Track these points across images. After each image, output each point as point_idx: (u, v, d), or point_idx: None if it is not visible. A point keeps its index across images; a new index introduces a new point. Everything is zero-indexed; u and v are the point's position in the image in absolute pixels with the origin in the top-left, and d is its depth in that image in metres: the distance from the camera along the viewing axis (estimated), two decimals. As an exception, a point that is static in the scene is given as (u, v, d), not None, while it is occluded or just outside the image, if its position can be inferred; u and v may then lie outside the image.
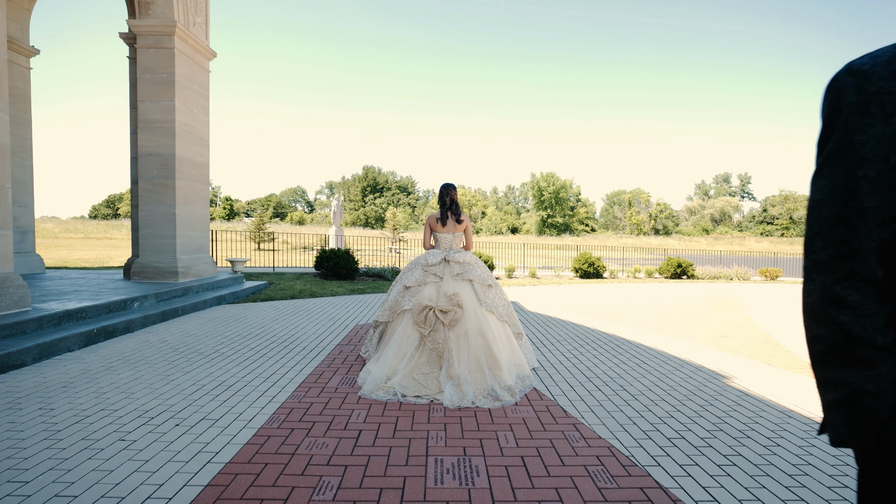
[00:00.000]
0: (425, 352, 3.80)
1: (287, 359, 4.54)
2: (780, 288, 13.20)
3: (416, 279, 4.09)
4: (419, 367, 3.73)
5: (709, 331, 6.44)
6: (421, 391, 3.54)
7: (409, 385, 3.61)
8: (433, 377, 3.67)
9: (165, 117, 7.61)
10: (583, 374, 4.25)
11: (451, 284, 4.02)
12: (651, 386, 3.92)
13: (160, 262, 7.76)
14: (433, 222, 4.40)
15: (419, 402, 3.43)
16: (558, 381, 4.04)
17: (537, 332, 6.09)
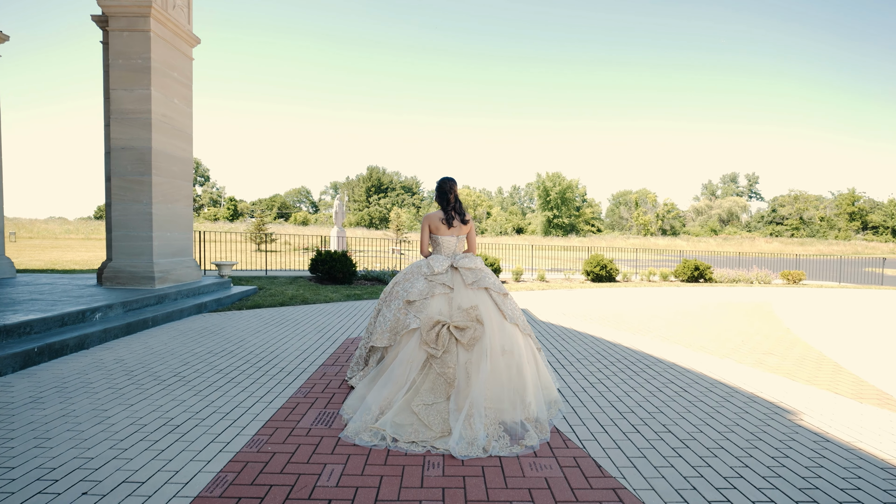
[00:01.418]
0: (430, 377, 3.08)
1: (258, 384, 3.81)
2: (808, 293, 12.35)
3: (421, 291, 3.38)
4: (421, 395, 3.01)
5: (747, 346, 5.66)
6: (418, 435, 2.79)
7: (404, 423, 2.87)
8: (437, 410, 2.94)
9: (140, 107, 6.92)
10: (612, 406, 3.49)
11: (465, 295, 3.36)
12: (701, 425, 3.16)
13: (135, 267, 7.06)
14: (435, 223, 3.68)
15: (412, 450, 2.70)
16: (584, 416, 3.28)
17: (553, 346, 5.34)
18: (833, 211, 69.61)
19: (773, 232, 70.98)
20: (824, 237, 66.37)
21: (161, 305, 6.51)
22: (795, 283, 14.60)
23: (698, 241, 58.75)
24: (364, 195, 79.07)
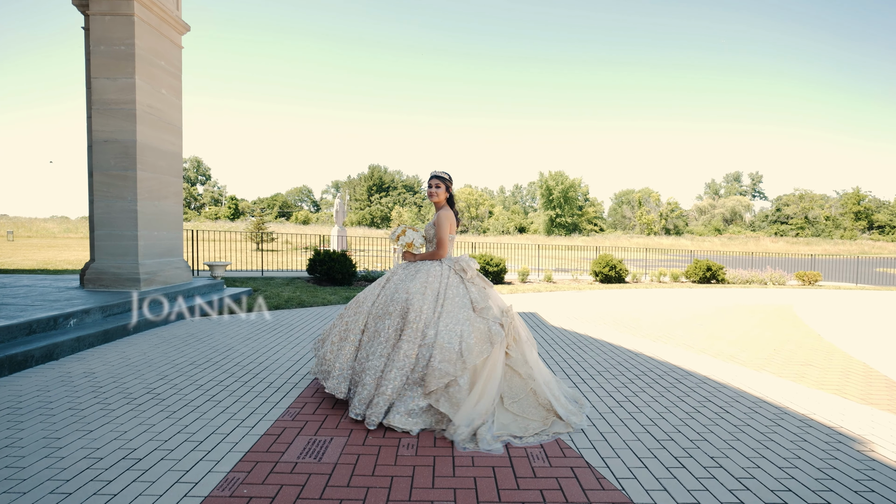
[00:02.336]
0: (509, 379, 3.22)
1: (241, 404, 3.35)
2: (827, 294, 11.85)
3: (480, 296, 3.35)
4: (507, 395, 3.17)
5: (781, 356, 5.18)
6: (528, 429, 2.95)
7: (508, 422, 2.99)
8: (527, 402, 3.16)
9: (124, 97, 6.46)
10: (647, 430, 3.02)
11: (496, 298, 3.50)
12: (756, 458, 2.69)
13: (119, 268, 6.61)
14: (452, 223, 3.62)
15: (532, 442, 2.86)
16: (616, 443, 2.81)
17: (569, 356, 4.87)
18: (838, 210, 68.89)
19: (778, 231, 70.29)
20: (829, 237, 65.69)
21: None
22: (811, 285, 14.10)
23: (703, 241, 58.18)
24: (365, 194, 78.62)
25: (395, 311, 3.21)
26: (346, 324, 3.41)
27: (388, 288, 3.41)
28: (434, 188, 3.62)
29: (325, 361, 3.37)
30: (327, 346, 3.42)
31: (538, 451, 2.71)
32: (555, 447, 2.77)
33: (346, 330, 3.38)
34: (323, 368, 3.37)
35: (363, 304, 3.43)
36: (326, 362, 3.36)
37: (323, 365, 3.38)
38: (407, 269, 3.52)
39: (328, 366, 3.33)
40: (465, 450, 2.70)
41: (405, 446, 2.75)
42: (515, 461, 2.59)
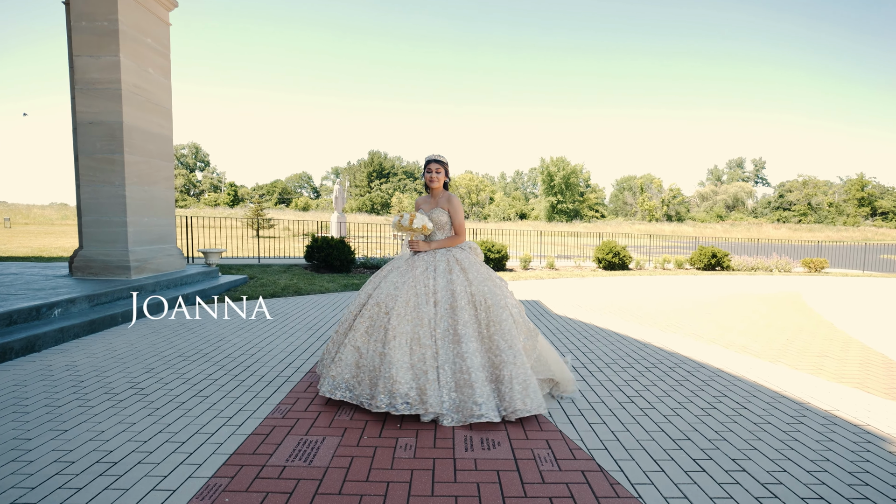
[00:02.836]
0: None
1: (230, 399, 3.16)
2: (835, 282, 11.64)
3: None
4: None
5: (794, 346, 4.98)
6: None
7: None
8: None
9: (108, 76, 6.17)
10: (661, 429, 2.82)
11: None
12: (781, 460, 2.49)
13: (108, 256, 6.39)
14: None
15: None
16: (629, 443, 2.61)
17: (575, 346, 4.67)
18: (842, 196, 68.33)
19: (781, 218, 69.84)
20: (832, 223, 65.28)
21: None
22: (818, 272, 13.87)
23: (705, 227, 57.83)
24: (365, 180, 78.09)
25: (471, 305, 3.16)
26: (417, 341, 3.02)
27: (441, 286, 3.18)
28: (435, 173, 3.44)
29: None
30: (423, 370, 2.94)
31: (546, 453, 2.51)
32: (564, 448, 2.57)
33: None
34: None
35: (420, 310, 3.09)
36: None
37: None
38: (435, 258, 3.33)
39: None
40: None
41: (402, 447, 2.55)
42: (522, 464, 2.40)
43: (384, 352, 2.90)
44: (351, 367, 2.99)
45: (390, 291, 3.11)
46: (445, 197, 3.51)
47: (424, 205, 3.57)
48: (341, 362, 2.99)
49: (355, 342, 3.00)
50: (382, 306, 3.05)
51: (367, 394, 2.91)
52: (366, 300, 3.19)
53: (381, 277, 3.30)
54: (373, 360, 2.94)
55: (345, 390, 2.97)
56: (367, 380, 2.93)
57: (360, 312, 3.12)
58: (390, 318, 2.97)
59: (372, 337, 2.99)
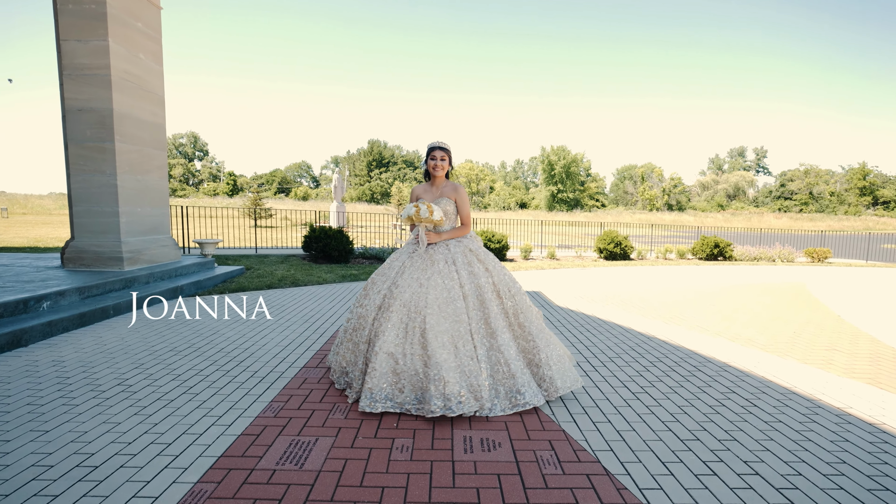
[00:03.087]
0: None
1: (221, 397, 3.04)
2: (839, 272, 11.51)
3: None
4: None
5: (802, 339, 4.86)
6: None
7: None
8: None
9: (97, 62, 5.97)
10: (669, 428, 2.71)
11: None
12: (795, 462, 2.37)
13: (100, 246, 6.26)
14: None
15: None
16: (636, 444, 2.50)
17: (577, 340, 4.56)
18: (843, 186, 67.94)
19: (782, 207, 69.52)
20: (834, 212, 65.00)
21: (128, 290, 5.73)
22: (821, 262, 13.74)
23: (705, 217, 57.59)
24: (365, 169, 77.66)
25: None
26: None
27: (466, 280, 3.11)
28: (439, 161, 3.30)
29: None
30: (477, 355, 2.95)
31: (549, 455, 2.40)
32: (567, 449, 2.46)
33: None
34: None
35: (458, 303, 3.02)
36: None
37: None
38: (450, 250, 3.23)
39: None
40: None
41: (399, 449, 2.44)
42: (524, 467, 2.29)
43: (427, 354, 2.77)
44: (388, 375, 2.81)
45: (416, 290, 2.99)
46: (451, 186, 3.38)
47: (425, 194, 3.42)
48: (375, 373, 2.79)
49: (387, 348, 2.82)
50: (412, 306, 2.92)
51: (413, 399, 2.79)
52: (382, 301, 3.02)
53: (396, 273, 3.14)
54: (413, 364, 2.81)
55: (385, 401, 2.78)
56: (409, 386, 2.81)
57: (383, 316, 2.94)
58: (426, 319, 2.86)
59: (408, 340, 2.85)
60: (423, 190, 3.44)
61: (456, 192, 3.36)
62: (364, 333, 3.00)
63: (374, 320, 3.00)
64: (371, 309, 3.04)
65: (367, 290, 3.19)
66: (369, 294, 3.15)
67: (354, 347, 3.06)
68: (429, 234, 3.26)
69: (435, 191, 3.41)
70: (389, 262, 3.28)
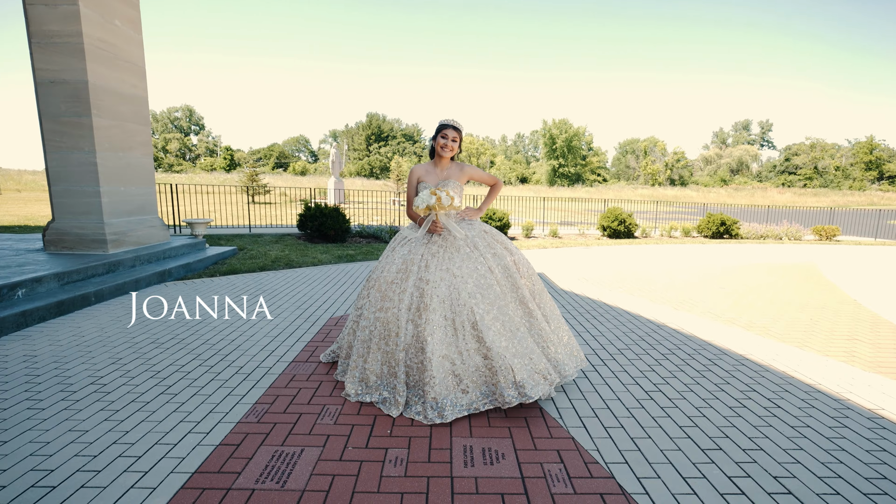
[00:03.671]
0: None
1: (201, 397, 2.81)
2: (849, 251, 11.23)
3: None
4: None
5: (820, 327, 4.63)
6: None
7: None
8: None
9: (68, 28, 5.54)
10: (689, 436, 2.48)
11: None
12: (830, 477, 2.15)
13: (82, 228, 5.96)
14: None
15: None
16: (655, 458, 2.27)
17: (584, 328, 4.32)
18: (849, 160, 66.96)
19: (786, 182, 68.72)
20: (838, 187, 64.26)
21: (112, 275, 5.47)
22: (829, 240, 13.45)
23: (709, 192, 56.98)
24: (364, 143, 76.47)
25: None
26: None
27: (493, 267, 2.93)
28: (451, 140, 3.02)
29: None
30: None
31: (558, 469, 2.17)
32: (578, 462, 2.23)
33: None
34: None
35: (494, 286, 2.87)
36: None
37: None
38: (468, 232, 3.04)
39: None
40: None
41: (392, 462, 2.21)
42: (530, 484, 2.06)
43: (486, 346, 2.60)
44: (447, 380, 2.63)
45: (451, 282, 2.75)
46: (456, 167, 3.13)
47: (428, 176, 3.12)
48: (435, 381, 2.56)
49: (440, 351, 2.61)
50: (454, 300, 2.70)
51: (481, 395, 2.65)
52: (411, 301, 2.73)
53: (419, 269, 2.83)
54: (473, 360, 2.64)
55: (452, 407, 2.58)
56: (472, 384, 2.65)
57: (422, 318, 2.66)
58: (474, 310, 2.67)
59: (460, 337, 2.65)
60: (426, 171, 3.14)
61: (462, 171, 3.13)
62: (399, 340, 2.69)
63: (407, 323, 2.71)
64: (400, 311, 2.73)
65: (384, 292, 2.85)
66: (388, 295, 2.83)
67: (388, 358, 2.76)
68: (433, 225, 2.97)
69: (440, 172, 3.12)
70: (401, 256, 2.95)
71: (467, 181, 3.17)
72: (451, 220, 3.01)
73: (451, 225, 2.95)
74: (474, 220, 3.16)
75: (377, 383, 2.80)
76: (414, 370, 2.67)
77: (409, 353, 2.69)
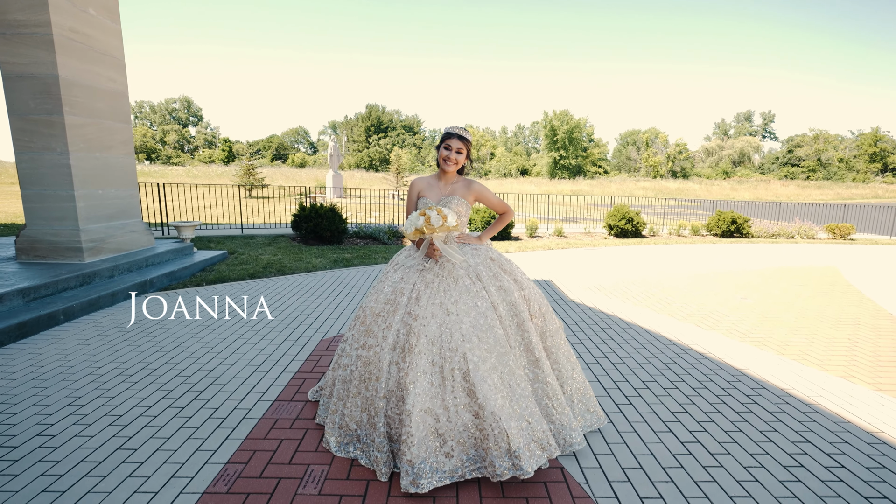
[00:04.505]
0: None
1: (164, 454, 2.39)
2: (868, 252, 10.80)
3: None
4: None
5: (863, 351, 4.21)
6: None
7: None
8: None
9: (35, 17, 5.06)
10: (740, 485, 2.07)
11: None
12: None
13: (56, 235, 5.52)
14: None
15: None
16: (706, 547, 1.86)
17: (601, 352, 3.89)
18: (853, 152, 66.23)
19: (788, 174, 68.05)
20: (841, 179, 63.64)
21: (86, 288, 5.04)
22: (843, 238, 13.01)
23: (711, 185, 56.37)
24: (363, 135, 75.69)
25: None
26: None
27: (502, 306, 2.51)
28: (455, 153, 2.57)
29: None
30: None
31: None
32: (615, 555, 1.82)
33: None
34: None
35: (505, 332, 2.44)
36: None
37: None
38: (470, 260, 2.60)
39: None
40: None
41: (387, 556, 1.80)
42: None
43: (478, 403, 2.14)
44: (428, 439, 2.15)
45: (444, 319, 2.30)
46: (463, 183, 2.68)
47: (429, 191, 2.68)
48: (413, 440, 2.09)
49: (422, 404, 2.14)
50: (444, 342, 2.25)
51: (467, 461, 2.18)
52: (397, 339, 2.31)
53: (408, 300, 2.40)
54: (461, 418, 2.17)
55: (431, 474, 2.10)
56: (458, 447, 2.18)
57: (405, 359, 2.24)
58: (466, 356, 2.21)
59: (447, 388, 2.19)
60: (427, 185, 2.70)
61: (469, 189, 2.68)
62: (380, 385, 2.26)
63: (390, 365, 2.28)
64: (383, 350, 2.30)
65: (368, 326, 2.44)
66: (372, 331, 2.41)
67: (367, 404, 2.34)
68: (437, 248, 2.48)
69: (443, 187, 2.69)
70: (392, 284, 2.52)
71: (475, 202, 2.73)
72: (450, 245, 2.56)
73: (450, 250, 2.47)
74: (481, 244, 2.72)
75: (357, 432, 2.40)
76: (395, 422, 2.25)
77: (389, 402, 2.26)
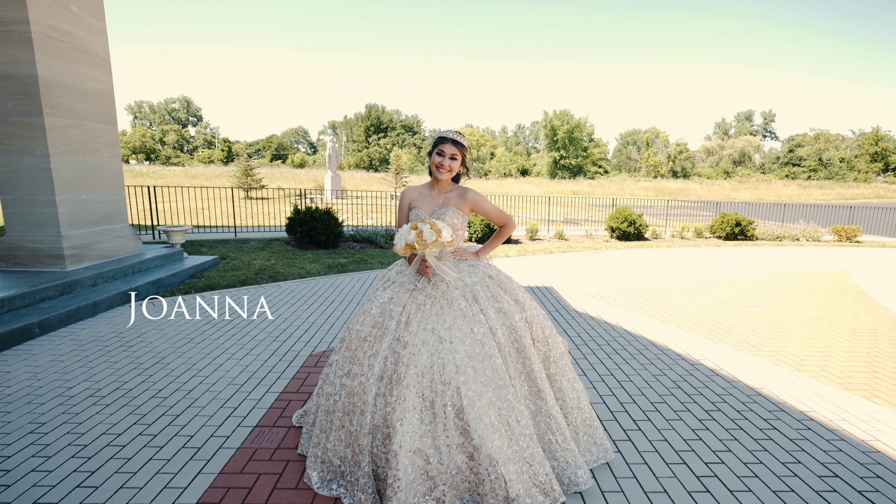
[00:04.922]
0: None
1: (128, 492, 2.17)
2: (876, 255, 10.56)
3: None
4: None
5: (883, 365, 3.98)
6: None
7: None
8: None
9: (12, 15, 4.83)
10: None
11: None
12: None
13: (36, 242, 5.30)
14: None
15: None
16: None
17: (605, 368, 3.67)
18: (854, 151, 65.95)
19: (789, 174, 67.79)
20: (843, 179, 63.38)
21: (66, 298, 4.82)
22: (849, 241, 12.78)
23: (712, 185, 56.15)
24: (363, 135, 75.48)
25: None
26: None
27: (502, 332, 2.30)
28: (448, 159, 2.35)
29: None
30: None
31: None
32: None
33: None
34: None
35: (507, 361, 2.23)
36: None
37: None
38: (467, 280, 2.38)
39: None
40: None
41: None
42: None
43: (473, 444, 1.92)
44: (416, 483, 1.93)
45: (436, 347, 2.08)
46: (457, 192, 2.45)
47: (422, 201, 2.46)
48: (399, 483, 1.88)
49: (409, 444, 1.93)
50: (435, 374, 2.02)
51: None
52: (384, 368, 2.10)
53: (397, 325, 2.18)
54: (454, 459, 1.95)
55: None
56: (451, 491, 1.95)
57: (392, 392, 2.02)
58: (460, 391, 1.98)
59: (438, 426, 1.97)
60: (419, 195, 2.48)
61: (464, 199, 2.44)
62: (364, 420, 2.04)
63: (376, 398, 2.06)
64: (369, 380, 2.09)
65: (354, 352, 2.22)
66: (357, 357, 2.19)
67: (350, 439, 2.10)
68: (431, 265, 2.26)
69: (436, 196, 2.46)
70: (380, 304, 2.30)
71: (471, 212, 2.51)
72: (444, 262, 2.34)
73: (444, 268, 2.25)
74: (478, 261, 2.50)
75: (341, 468, 2.16)
76: (382, 460, 2.03)
77: (375, 439, 2.04)
